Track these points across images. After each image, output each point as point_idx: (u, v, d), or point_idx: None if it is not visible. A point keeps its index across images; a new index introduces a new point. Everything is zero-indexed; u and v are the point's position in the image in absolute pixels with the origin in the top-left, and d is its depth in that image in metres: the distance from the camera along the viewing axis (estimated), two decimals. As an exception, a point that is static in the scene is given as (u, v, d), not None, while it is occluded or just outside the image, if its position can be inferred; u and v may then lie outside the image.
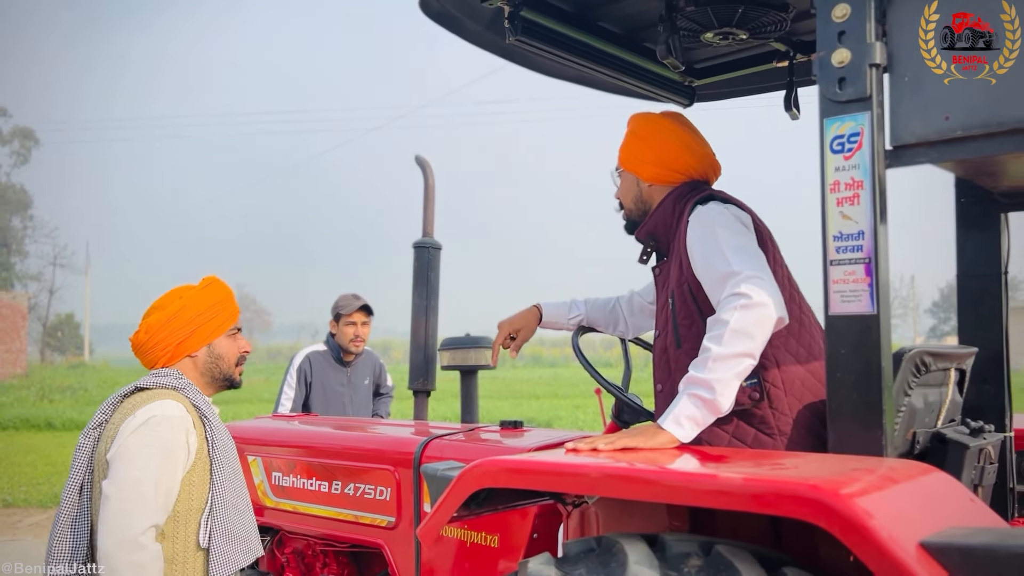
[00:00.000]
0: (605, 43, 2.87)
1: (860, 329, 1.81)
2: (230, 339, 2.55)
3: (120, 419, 2.30)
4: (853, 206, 1.84)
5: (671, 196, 2.40)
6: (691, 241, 2.21)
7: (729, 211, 2.22)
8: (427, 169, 3.86)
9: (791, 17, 2.57)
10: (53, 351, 50.62)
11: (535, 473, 1.84)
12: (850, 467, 1.64)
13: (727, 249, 2.08)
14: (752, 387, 2.07)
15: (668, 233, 2.39)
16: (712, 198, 2.29)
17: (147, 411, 2.29)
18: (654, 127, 2.48)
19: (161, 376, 2.43)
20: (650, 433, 1.98)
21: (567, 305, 2.91)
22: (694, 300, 2.21)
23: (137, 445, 2.23)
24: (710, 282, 2.13)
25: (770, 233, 2.30)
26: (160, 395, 2.35)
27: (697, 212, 2.24)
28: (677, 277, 2.27)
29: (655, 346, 2.40)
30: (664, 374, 2.30)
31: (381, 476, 3.02)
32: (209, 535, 2.30)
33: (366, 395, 4.92)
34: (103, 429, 2.36)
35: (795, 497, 1.42)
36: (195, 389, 2.46)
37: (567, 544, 1.81)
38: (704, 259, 2.15)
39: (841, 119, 1.86)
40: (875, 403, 1.78)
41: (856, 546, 1.34)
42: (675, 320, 2.25)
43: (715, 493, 1.52)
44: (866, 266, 1.81)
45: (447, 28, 2.72)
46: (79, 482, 2.32)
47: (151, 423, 2.26)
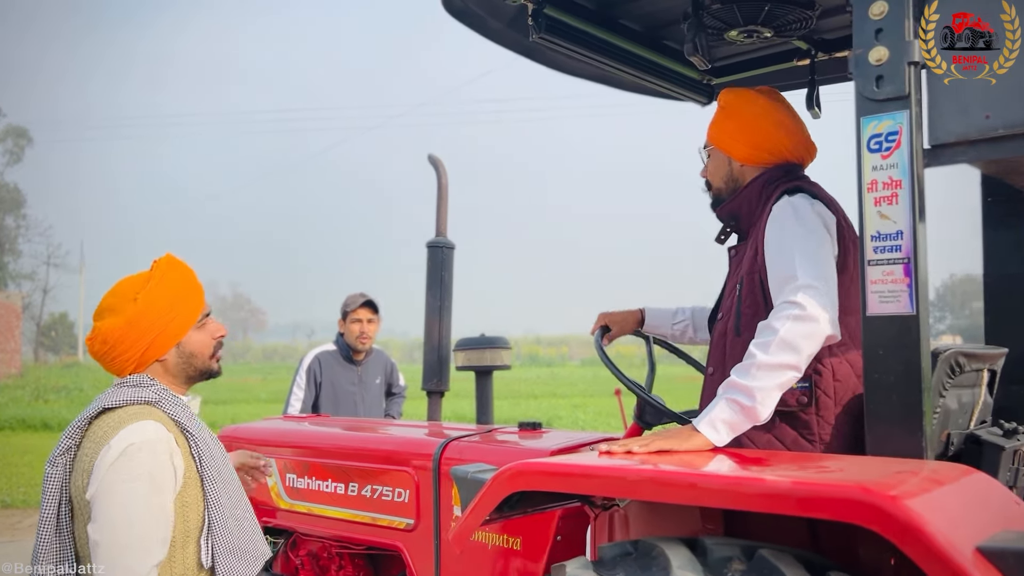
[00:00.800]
0: (626, 41, 2.85)
1: (899, 329, 1.79)
2: (200, 330, 2.23)
3: (93, 450, 2.03)
4: (891, 205, 1.82)
5: (760, 179, 2.34)
6: (768, 232, 2.16)
7: (814, 208, 2.14)
8: (440, 168, 3.84)
9: (817, 15, 2.55)
10: (47, 351, 50.42)
11: (573, 476, 1.82)
12: (895, 470, 1.62)
13: (796, 251, 2.03)
14: (802, 391, 2.04)
15: (751, 216, 2.33)
16: (801, 190, 2.21)
17: (122, 439, 2.01)
18: (747, 104, 2.39)
19: (131, 388, 2.12)
20: (684, 436, 1.96)
21: (672, 311, 2.86)
22: (763, 291, 2.17)
23: (119, 481, 1.97)
24: (773, 280, 2.10)
25: (855, 234, 2.18)
26: (133, 416, 2.05)
27: (782, 203, 2.17)
28: (750, 264, 2.22)
29: (715, 328, 2.36)
30: (719, 359, 2.27)
31: (400, 478, 2.99)
32: (212, 554, 2.10)
33: (377, 395, 4.89)
34: (73, 457, 2.08)
35: (848, 501, 1.40)
36: (170, 396, 2.16)
37: (602, 547, 1.79)
38: (773, 255, 2.11)
39: (879, 117, 1.84)
40: (915, 405, 1.76)
41: (913, 551, 1.32)
42: (739, 307, 2.22)
43: (764, 496, 1.50)
44: (905, 266, 1.80)
45: (469, 26, 2.70)
46: (54, 515, 2.04)
47: (129, 453, 1.99)
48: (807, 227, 2.10)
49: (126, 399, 2.10)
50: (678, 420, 2.55)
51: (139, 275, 2.22)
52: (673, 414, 2.57)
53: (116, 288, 2.20)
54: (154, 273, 2.20)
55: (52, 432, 16.69)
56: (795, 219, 2.12)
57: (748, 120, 2.38)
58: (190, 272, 2.28)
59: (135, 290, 2.16)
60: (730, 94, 2.47)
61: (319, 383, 4.73)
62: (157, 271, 2.21)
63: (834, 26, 2.80)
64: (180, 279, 2.22)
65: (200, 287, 2.28)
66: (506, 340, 3.63)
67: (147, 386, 2.14)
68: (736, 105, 2.42)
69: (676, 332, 2.86)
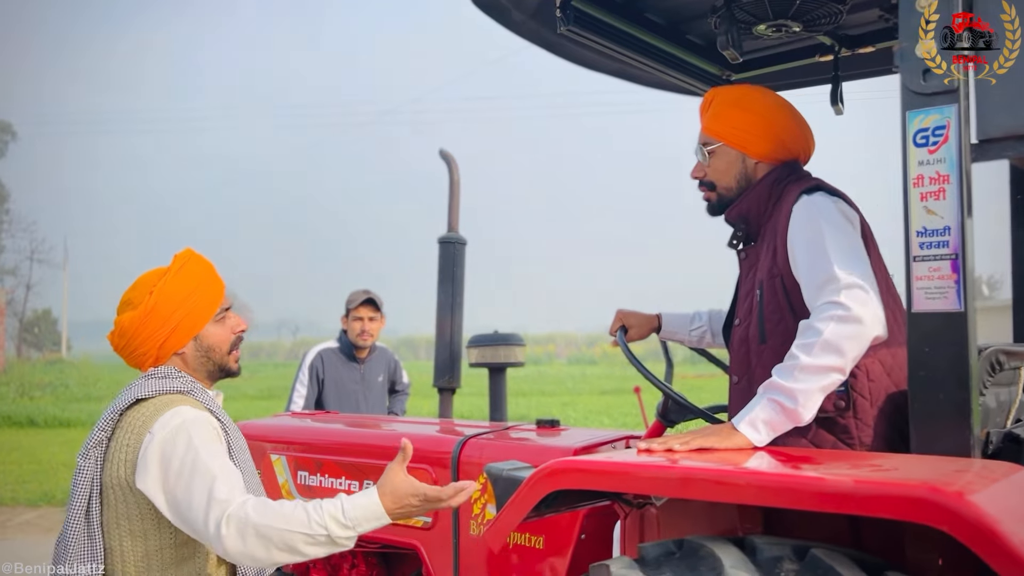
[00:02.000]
0: (649, 34, 2.82)
1: (946, 327, 1.76)
2: (219, 324, 2.22)
3: (133, 439, 2.02)
4: (938, 200, 1.79)
5: (768, 178, 2.28)
6: (794, 234, 2.09)
7: (837, 206, 2.09)
8: (452, 164, 3.80)
9: (847, 9, 2.53)
10: (30, 347, 49.95)
11: (615, 474, 1.79)
12: (951, 468, 1.60)
13: (832, 250, 1.96)
14: (839, 395, 1.99)
15: (761, 217, 2.27)
16: (820, 188, 2.15)
17: (164, 424, 2.01)
18: (762, 99, 2.32)
19: (160, 379, 2.13)
20: (724, 434, 1.92)
21: (689, 317, 2.79)
22: (786, 295, 2.11)
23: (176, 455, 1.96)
24: (810, 283, 2.01)
25: (871, 232, 2.18)
26: (168, 404, 2.06)
27: (804, 203, 2.10)
28: (769, 267, 2.16)
29: (733, 335, 2.30)
30: (742, 367, 2.22)
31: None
32: None
33: (380, 392, 4.86)
34: (106, 449, 2.07)
35: (914, 499, 1.37)
36: (199, 387, 2.18)
37: (643, 547, 1.75)
38: (806, 256, 2.03)
39: (926, 112, 1.81)
40: (963, 402, 1.74)
41: (985, 551, 1.29)
42: (762, 313, 2.15)
43: (823, 495, 1.47)
44: (952, 262, 1.77)
45: (493, 17, 2.66)
46: (84, 509, 2.03)
47: (178, 430, 1.99)
48: (836, 225, 2.05)
49: (158, 389, 2.10)
50: (704, 416, 2.52)
51: (158, 269, 2.22)
52: (699, 410, 2.54)
53: (136, 282, 2.21)
54: (172, 266, 2.20)
55: (39, 429, 16.56)
56: (822, 218, 2.06)
57: (765, 114, 2.30)
58: (209, 265, 2.27)
59: (151, 284, 2.16)
60: (736, 89, 2.40)
61: (322, 380, 4.70)
62: (175, 264, 2.20)
63: (859, 21, 2.77)
64: (198, 271, 2.21)
65: (220, 280, 2.26)
66: (520, 337, 3.59)
67: (176, 377, 2.15)
68: (748, 100, 2.34)
69: (694, 338, 2.81)
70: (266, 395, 22.71)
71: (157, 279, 2.16)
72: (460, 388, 3.82)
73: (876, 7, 2.59)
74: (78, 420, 17.06)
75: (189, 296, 2.16)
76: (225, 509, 1.90)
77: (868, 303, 1.88)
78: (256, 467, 3.31)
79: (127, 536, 2.04)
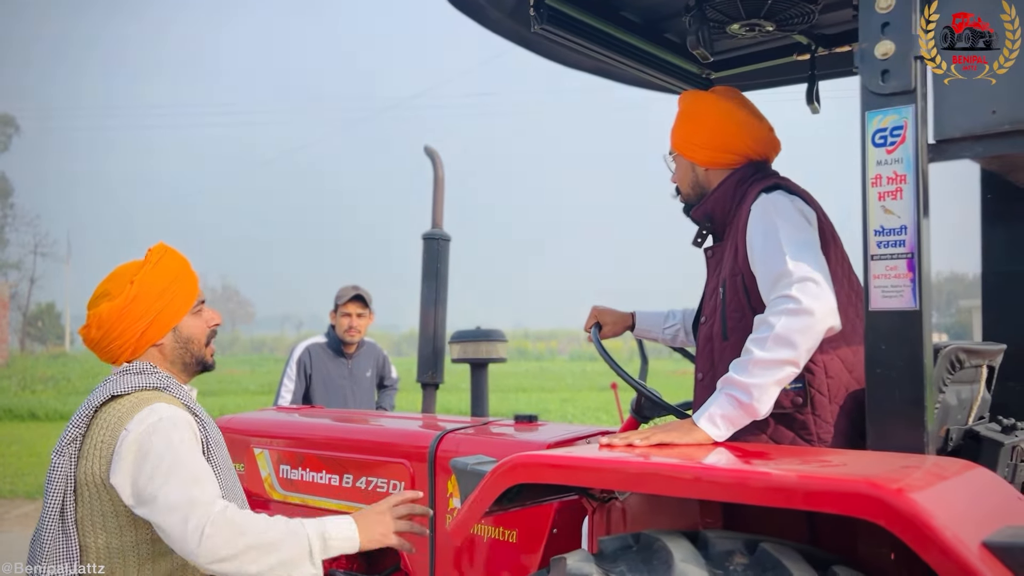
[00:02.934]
0: (626, 33, 2.83)
1: (902, 325, 1.79)
2: (195, 316, 2.24)
3: (108, 436, 2.01)
4: (895, 200, 1.82)
5: (732, 178, 2.31)
6: (751, 232, 2.12)
7: (794, 204, 2.12)
8: (436, 160, 3.83)
9: (819, 9, 2.55)
10: (33, 341, 50.08)
11: (574, 468, 1.81)
12: (899, 464, 1.62)
13: (786, 246, 1.99)
14: (796, 391, 2.02)
15: (726, 215, 2.30)
16: (778, 187, 2.19)
17: (140, 419, 2.00)
18: (706, 107, 2.37)
19: (135, 375, 2.11)
20: (684, 430, 1.95)
21: (663, 315, 2.82)
22: (746, 293, 2.14)
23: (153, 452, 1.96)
24: (764, 278, 2.06)
25: (833, 229, 2.21)
26: (145, 401, 2.05)
27: (761, 201, 2.14)
28: (731, 266, 2.19)
29: (699, 333, 2.33)
30: (707, 364, 2.25)
31: (395, 470, 2.98)
32: None
33: (368, 387, 4.88)
34: (79, 446, 2.05)
35: (853, 495, 1.39)
36: (175, 383, 2.16)
37: (602, 540, 1.78)
38: (761, 253, 2.07)
39: (884, 112, 1.84)
40: (917, 400, 1.76)
41: (919, 546, 1.32)
42: (724, 311, 2.19)
43: (770, 490, 1.50)
44: (908, 261, 1.79)
45: (469, 15, 2.68)
46: (58, 504, 2.01)
47: (155, 428, 1.99)
48: (791, 222, 2.08)
49: (135, 385, 2.09)
50: (675, 413, 2.55)
51: (134, 262, 2.23)
52: (670, 407, 2.57)
53: (111, 275, 2.21)
54: (149, 258, 2.20)
55: (40, 422, 16.63)
56: (777, 215, 2.09)
57: (707, 124, 2.35)
58: (184, 259, 2.29)
59: (130, 275, 2.16)
60: (688, 98, 2.45)
61: (309, 375, 4.72)
62: (152, 256, 2.21)
63: (835, 21, 2.79)
64: (175, 264, 2.22)
65: (194, 274, 2.29)
66: (502, 333, 3.62)
67: (152, 373, 2.14)
68: (694, 109, 2.40)
69: (668, 336, 2.84)
70: (267, 390, 22.75)
71: (136, 270, 2.16)
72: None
73: (849, 7, 2.60)
74: (78, 414, 17.12)
75: (168, 287, 2.17)
76: (209, 513, 1.91)
77: (819, 296, 1.91)
78: (239, 461, 3.36)
79: (102, 532, 2.03)
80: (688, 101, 2.43)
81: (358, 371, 4.84)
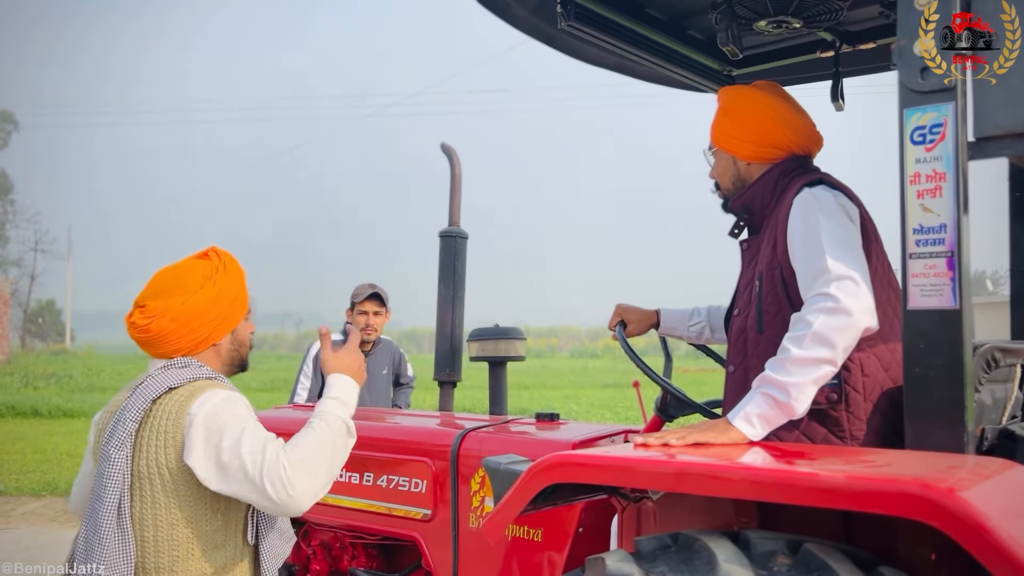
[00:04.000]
0: (649, 30, 2.82)
1: (941, 324, 1.77)
2: (245, 321, 2.33)
3: (170, 426, 2.04)
4: (935, 198, 1.80)
5: (774, 171, 2.31)
6: (792, 226, 2.11)
7: (837, 200, 2.11)
8: (454, 157, 3.80)
9: (847, 6, 2.53)
10: (34, 337, 50.07)
11: (613, 468, 1.80)
12: (944, 464, 1.61)
13: (827, 242, 1.98)
14: (832, 388, 2.00)
15: (764, 208, 2.30)
16: (821, 182, 2.18)
17: (202, 402, 2.05)
18: (746, 101, 2.37)
19: (183, 368, 2.15)
20: (720, 429, 1.93)
21: (688, 313, 2.81)
22: (784, 287, 2.13)
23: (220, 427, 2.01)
24: (804, 274, 2.04)
25: (875, 226, 2.20)
26: (201, 388, 2.10)
27: (804, 195, 2.13)
28: (769, 259, 2.18)
29: (732, 325, 2.32)
30: (739, 356, 2.24)
31: (416, 468, 2.97)
32: (256, 531, 2.17)
33: (385, 385, 4.87)
34: (139, 439, 2.06)
35: (904, 495, 1.38)
36: (224, 379, 2.22)
37: (639, 540, 1.77)
38: (802, 248, 2.06)
39: (923, 109, 1.82)
40: (957, 400, 1.75)
41: (974, 547, 1.31)
42: (760, 303, 2.17)
43: (817, 491, 1.48)
44: (948, 260, 1.78)
45: (494, 12, 2.67)
46: (116, 501, 2.00)
47: (219, 406, 2.04)
48: (834, 218, 2.07)
49: (189, 377, 2.13)
50: (702, 412, 2.54)
51: (198, 261, 2.26)
52: (697, 406, 2.56)
53: (176, 271, 2.23)
54: (218, 260, 2.27)
55: (42, 419, 16.61)
56: (820, 211, 2.08)
57: (749, 118, 2.35)
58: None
59: (205, 273, 2.21)
60: (728, 92, 2.45)
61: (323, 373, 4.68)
62: (221, 259, 2.27)
63: (860, 17, 2.77)
64: (240, 269, 2.32)
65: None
66: (520, 331, 3.60)
67: (198, 367, 2.18)
68: (735, 104, 2.40)
69: (692, 334, 2.83)
70: (268, 387, 22.75)
71: (210, 270, 2.22)
72: (462, 381, 3.83)
73: (876, 4, 2.60)
74: (81, 410, 17.11)
75: (241, 290, 2.27)
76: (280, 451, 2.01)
77: (857, 295, 1.91)
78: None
79: (163, 526, 2.04)
80: (728, 96, 2.43)
81: (375, 369, 4.81)
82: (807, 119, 2.38)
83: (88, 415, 16.52)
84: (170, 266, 2.25)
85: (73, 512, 2.34)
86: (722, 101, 2.43)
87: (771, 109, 2.34)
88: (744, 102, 2.38)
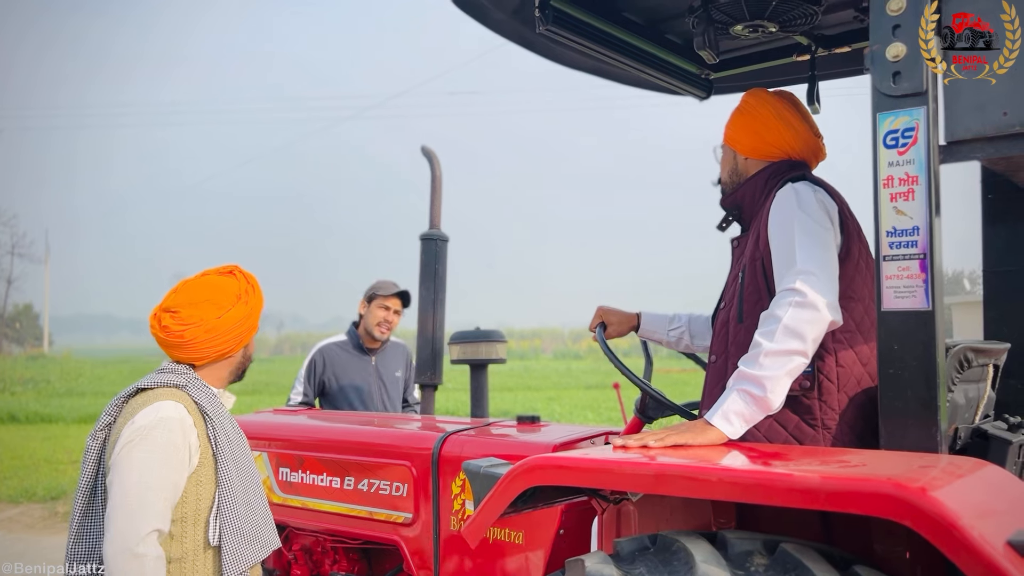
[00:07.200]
0: (628, 34, 2.84)
1: (914, 325, 1.80)
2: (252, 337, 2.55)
3: (123, 423, 2.24)
4: (908, 201, 1.83)
5: (767, 171, 2.36)
6: (771, 217, 2.17)
7: (817, 196, 2.16)
8: (434, 160, 3.81)
9: (822, 10, 2.56)
10: (11, 342, 49.50)
11: (593, 471, 1.81)
12: (917, 464, 1.63)
13: (798, 236, 2.05)
14: (804, 375, 2.04)
15: (754, 206, 2.35)
16: (804, 179, 2.23)
17: (145, 415, 2.22)
18: (758, 102, 2.43)
19: (165, 373, 2.34)
20: (698, 429, 1.95)
21: (668, 318, 2.84)
22: (764, 276, 2.18)
23: (136, 450, 2.17)
24: (777, 268, 2.11)
25: (858, 226, 2.23)
26: (159, 396, 2.27)
27: (785, 190, 2.18)
28: (752, 251, 2.23)
29: (717, 318, 2.37)
30: (721, 347, 2.28)
31: (397, 472, 2.97)
32: (219, 533, 2.25)
33: (400, 389, 4.52)
34: (110, 432, 2.29)
35: (879, 495, 1.40)
36: (200, 384, 2.36)
37: (618, 542, 1.78)
38: (777, 240, 2.12)
39: (895, 114, 1.85)
40: (930, 400, 1.77)
41: (946, 546, 1.33)
42: (741, 294, 2.22)
43: (794, 491, 1.50)
44: (921, 262, 1.80)
45: (472, 16, 2.68)
46: (90, 485, 2.26)
47: (148, 427, 2.19)
48: (808, 212, 2.12)
49: (159, 382, 2.31)
50: (681, 413, 2.56)
51: (227, 278, 2.44)
52: (676, 407, 2.57)
53: (208, 285, 2.39)
54: (250, 282, 2.47)
55: (20, 424, 16.41)
56: (797, 204, 2.14)
57: (755, 115, 2.42)
58: None
59: (237, 292, 2.40)
60: (747, 94, 2.51)
61: (322, 378, 4.37)
62: (248, 281, 2.46)
63: (835, 22, 2.80)
64: (261, 292, 2.51)
65: None
66: (501, 333, 3.61)
67: (180, 372, 2.35)
68: (747, 104, 2.47)
69: (672, 339, 2.85)
70: (251, 390, 22.59)
71: (241, 289, 2.42)
72: (444, 384, 3.80)
73: (851, 8, 2.63)
74: (59, 416, 16.93)
75: (260, 310, 2.48)
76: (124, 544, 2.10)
77: (822, 290, 1.96)
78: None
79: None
80: (744, 98, 2.49)
81: (386, 371, 4.46)
82: (813, 131, 2.43)
83: (66, 420, 16.35)
84: (199, 278, 2.43)
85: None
86: (741, 102, 2.50)
87: (776, 110, 2.40)
88: (756, 102, 2.44)
